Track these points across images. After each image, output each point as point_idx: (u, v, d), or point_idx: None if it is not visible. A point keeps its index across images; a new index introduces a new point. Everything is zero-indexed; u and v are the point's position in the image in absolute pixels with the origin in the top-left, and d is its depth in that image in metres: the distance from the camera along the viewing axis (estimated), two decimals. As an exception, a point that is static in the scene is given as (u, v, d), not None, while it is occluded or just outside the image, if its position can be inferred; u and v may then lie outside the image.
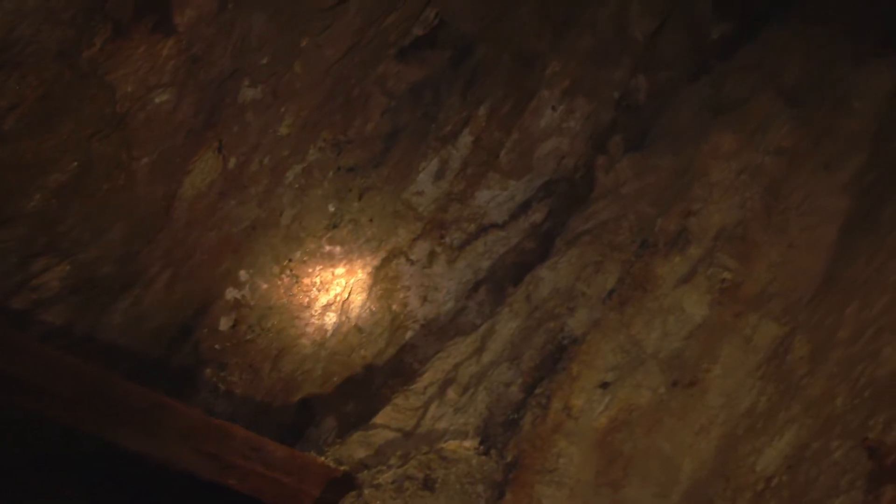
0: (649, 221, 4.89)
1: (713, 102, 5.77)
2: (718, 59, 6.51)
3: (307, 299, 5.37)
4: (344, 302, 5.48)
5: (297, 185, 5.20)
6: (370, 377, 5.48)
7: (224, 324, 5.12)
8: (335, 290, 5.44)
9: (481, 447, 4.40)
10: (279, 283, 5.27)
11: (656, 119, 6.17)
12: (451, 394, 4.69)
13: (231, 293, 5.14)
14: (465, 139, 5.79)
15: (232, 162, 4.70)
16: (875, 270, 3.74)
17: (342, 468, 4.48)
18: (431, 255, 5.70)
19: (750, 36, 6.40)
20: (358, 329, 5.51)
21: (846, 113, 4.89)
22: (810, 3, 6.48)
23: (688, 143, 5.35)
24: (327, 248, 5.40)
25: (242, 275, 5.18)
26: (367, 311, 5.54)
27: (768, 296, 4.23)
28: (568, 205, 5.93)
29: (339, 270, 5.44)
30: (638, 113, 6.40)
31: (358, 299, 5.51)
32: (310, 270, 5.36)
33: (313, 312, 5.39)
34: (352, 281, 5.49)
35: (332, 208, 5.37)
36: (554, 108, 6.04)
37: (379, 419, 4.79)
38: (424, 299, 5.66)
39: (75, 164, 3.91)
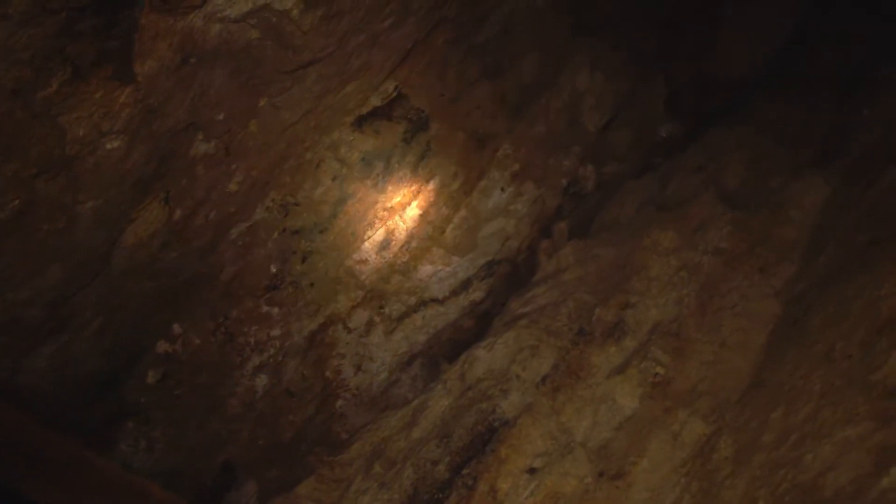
0: (588, 310, 4.95)
1: (657, 198, 5.92)
2: (665, 157, 6.72)
3: (240, 359, 5.29)
4: (277, 364, 5.40)
5: (240, 243, 5.16)
6: (297, 443, 5.38)
7: (152, 376, 5.01)
8: (269, 352, 5.37)
9: (403, 525, 4.34)
10: (213, 339, 5.19)
11: (601, 209, 6.31)
12: (378, 468, 4.63)
13: (162, 346, 5.04)
14: (413, 212, 5.84)
15: (177, 214, 4.65)
16: (801, 378, 3.82)
17: (259, 536, 4.38)
18: (369, 325, 5.68)
19: (696, 138, 6.62)
20: (289, 393, 5.43)
21: (783, 221, 5.06)
22: (755, 112, 6.74)
23: (630, 236, 5.46)
24: (265, 308, 5.34)
25: (176, 328, 5.09)
26: (300, 375, 5.47)
27: (698, 393, 4.29)
28: (509, 286, 5.99)
29: (275, 332, 5.37)
30: (584, 201, 6.53)
31: (291, 363, 5.44)
32: (245, 330, 5.29)
33: (245, 373, 5.31)
34: (287, 344, 5.42)
35: (273, 269, 5.34)
36: (503, 190, 6.14)
37: (301, 489, 4.69)
38: (358, 368, 5.62)
39: (17, 202, 3.83)
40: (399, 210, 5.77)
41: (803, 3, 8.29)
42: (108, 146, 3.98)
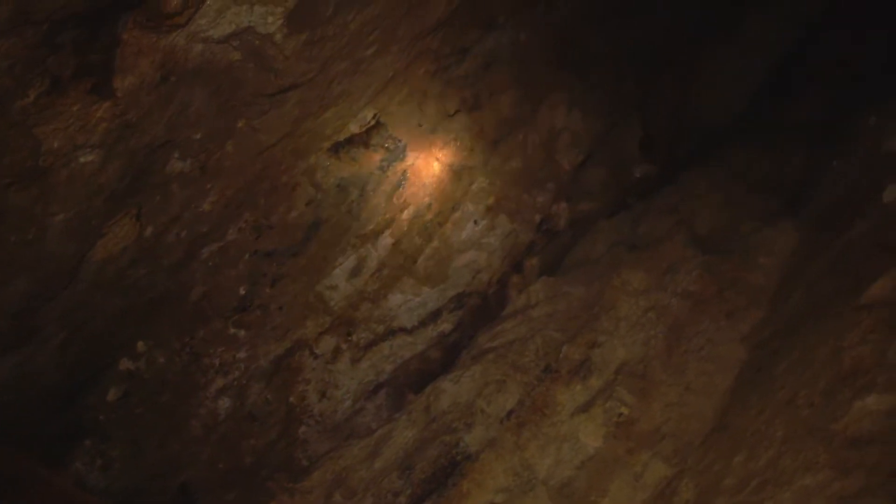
0: (555, 347, 4.96)
1: (629, 238, 5.97)
2: (638, 198, 6.78)
3: (204, 380, 5.23)
4: (241, 387, 5.35)
5: (211, 263, 5.12)
6: (257, 468, 5.32)
7: (113, 394, 4.93)
8: (234, 375, 5.32)
9: (361, 556, 4.30)
10: (178, 359, 5.13)
11: (573, 247, 6.35)
12: (338, 497, 4.59)
13: (126, 363, 4.97)
14: (386, 240, 5.84)
15: (149, 230, 4.61)
16: (764, 423, 3.85)
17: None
18: (336, 352, 5.65)
19: (670, 180, 6.70)
20: (251, 417, 5.38)
21: (752, 267, 5.12)
22: (728, 157, 6.84)
23: (601, 275, 5.49)
24: (232, 330, 5.30)
25: (141, 346, 5.03)
26: (264, 399, 5.42)
27: (661, 435, 4.30)
28: (477, 319, 5.99)
29: (241, 355, 5.33)
30: (556, 238, 6.57)
31: (256, 387, 5.39)
32: (211, 351, 5.24)
33: (208, 394, 5.25)
34: (252, 367, 5.38)
35: (243, 291, 5.30)
36: (476, 223, 6.16)
37: (260, 514, 4.64)
38: (323, 395, 5.58)
39: (-15, 211, 3.80)
40: (372, 238, 5.77)
41: (778, 55, 8.46)
42: (83, 159, 3.95)
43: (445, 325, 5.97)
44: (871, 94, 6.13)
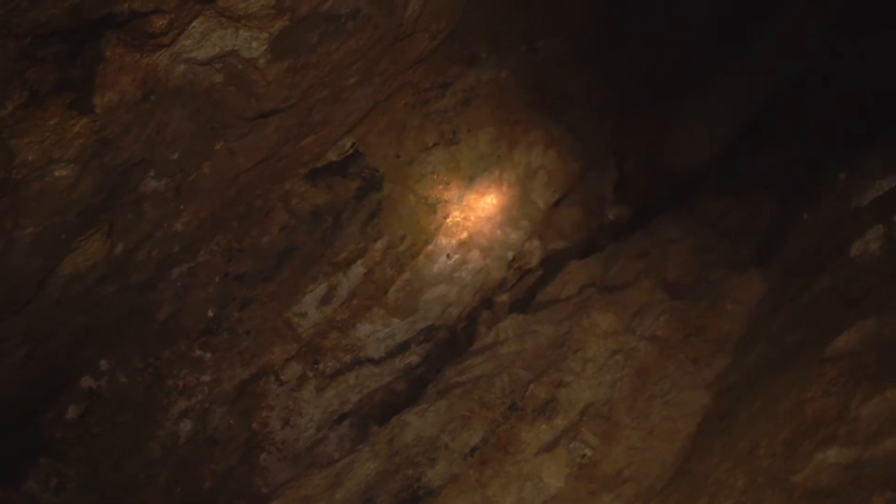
0: (522, 385, 4.97)
1: (599, 280, 6.00)
2: (610, 240, 6.84)
3: (166, 401, 5.17)
4: (204, 411, 5.29)
5: (180, 284, 5.09)
6: (215, 494, 5.25)
7: (73, 412, 4.86)
8: (197, 397, 5.26)
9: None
10: (140, 379, 5.07)
11: (544, 285, 6.37)
12: (296, 527, 4.55)
13: (87, 381, 4.91)
14: (358, 270, 5.83)
15: (119, 248, 4.57)
16: (725, 472, 3.86)
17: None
18: (302, 379, 5.61)
19: (643, 224, 6.76)
20: (212, 441, 5.31)
21: (720, 314, 5.16)
22: (701, 205, 6.93)
23: (570, 315, 5.52)
24: (198, 352, 5.25)
25: (103, 364, 4.97)
26: (226, 424, 5.36)
27: (623, 479, 4.31)
28: (445, 353, 5.98)
29: (206, 378, 5.28)
30: (528, 276, 6.60)
31: (218, 411, 5.34)
32: (175, 372, 5.19)
33: (170, 416, 5.18)
34: (216, 391, 5.33)
35: (211, 313, 5.27)
36: (449, 257, 6.17)
37: (215, 540, 4.58)
38: (286, 422, 5.53)
39: (-47, 221, 3.75)
40: (344, 266, 5.76)
41: (752, 106, 8.61)
42: (57, 174, 3.91)
43: (413, 358, 5.96)
44: (843, 150, 6.24)
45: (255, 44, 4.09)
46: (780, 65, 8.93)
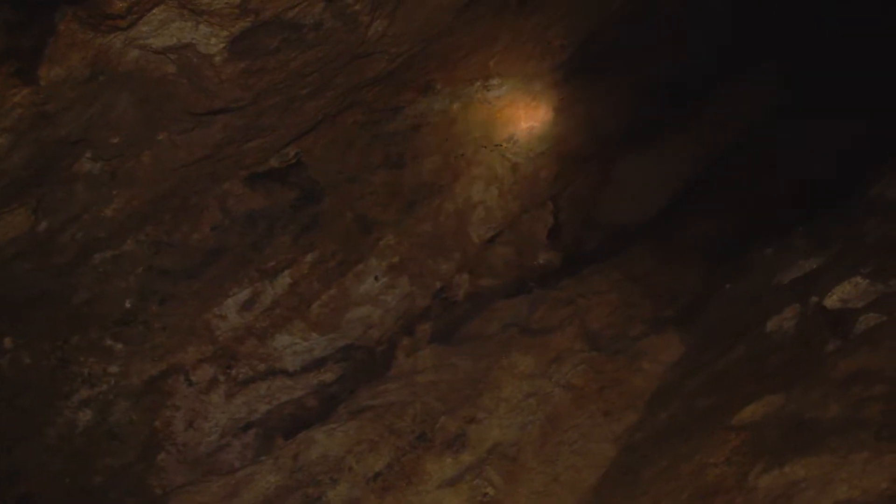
0: (434, 416, 4.96)
1: (523, 321, 6.05)
2: (538, 283, 6.91)
3: (68, 388, 5.00)
4: (107, 402, 5.14)
5: (101, 270, 4.96)
6: (106, 489, 5.09)
7: (-32, 388, 4.69)
8: (101, 388, 5.11)
9: None
10: (45, 362, 4.90)
11: (468, 320, 6.40)
12: (187, 533, 4.44)
13: (-13, 358, 4.74)
14: (284, 280, 5.77)
15: (43, 225, 4.44)
16: (624, 526, 3.92)
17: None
18: (213, 382, 5.51)
19: (572, 273, 6.85)
20: (111, 434, 5.16)
21: (636, 370, 5.25)
22: (630, 261, 7.06)
23: (490, 353, 5.55)
24: (109, 342, 5.11)
25: (7, 342, 4.79)
26: (128, 419, 5.22)
27: (522, 522, 4.33)
28: (361, 374, 5.95)
29: (113, 369, 5.13)
30: (453, 308, 6.61)
31: (122, 404, 5.19)
32: (82, 359, 5.03)
33: (70, 404, 5.01)
34: (122, 383, 5.18)
35: (128, 304, 5.14)
36: (377, 279, 6.16)
37: (99, 538, 4.44)
38: (190, 424, 5.42)
39: None
40: (271, 274, 5.69)
41: (689, 174, 8.85)
42: (-12, 140, 3.80)
43: (328, 375, 5.90)
44: (771, 227, 6.45)
45: (213, 40, 4.04)
46: (721, 139, 9.21)
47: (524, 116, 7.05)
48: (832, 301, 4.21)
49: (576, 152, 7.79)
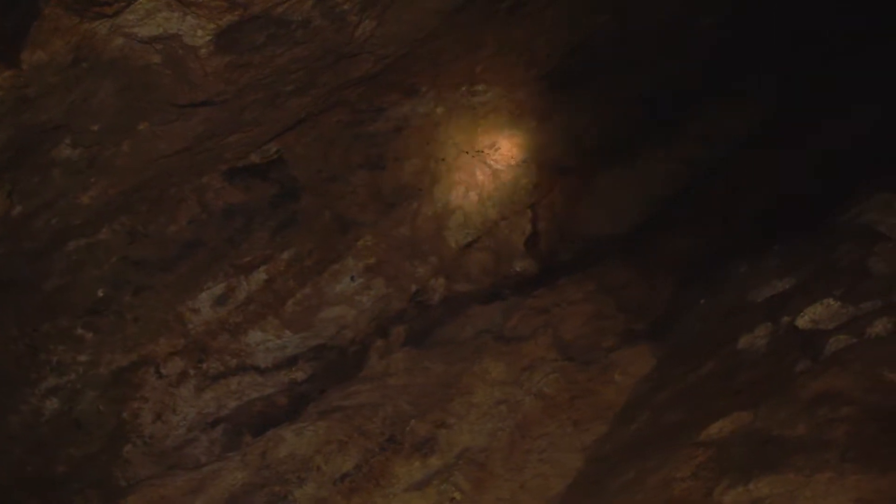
0: (404, 419, 4.96)
1: (497, 328, 6.06)
2: (514, 291, 6.92)
3: (36, 376, 4.95)
4: (74, 392, 5.09)
5: (75, 258, 4.91)
6: (69, 480, 5.03)
7: (-67, 371, 4.62)
8: (69, 377, 5.05)
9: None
10: (13, 348, 4.84)
11: (442, 324, 6.39)
12: (150, 527, 4.40)
13: (-45, 342, 4.68)
14: (259, 276, 5.74)
15: (18, 210, 4.39)
16: (588, 536, 3.93)
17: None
18: (183, 376, 5.47)
19: (547, 282, 6.87)
20: (77, 424, 5.10)
21: (607, 381, 5.26)
22: (606, 274, 7.08)
23: (463, 358, 5.55)
24: (80, 331, 5.06)
25: (-24, 327, 4.75)
26: (95, 409, 5.16)
27: (487, 528, 4.33)
28: (333, 374, 5.92)
29: (82, 358, 5.08)
30: (428, 312, 6.60)
31: (89, 394, 5.14)
32: (51, 347, 4.98)
33: (37, 391, 4.96)
34: (91, 373, 5.13)
35: (101, 293, 5.09)
36: (353, 279, 6.14)
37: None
38: (158, 417, 5.37)
39: None
40: (246, 270, 5.66)
41: (667, 190, 8.89)
42: (-34, 122, 3.76)
43: (300, 374, 5.87)
44: (746, 246, 6.50)
45: (200, 32, 4.02)
46: (702, 155, 9.27)
47: (507, 124, 7.07)
48: (804, 321, 4.24)
49: (556, 162, 7.81)
